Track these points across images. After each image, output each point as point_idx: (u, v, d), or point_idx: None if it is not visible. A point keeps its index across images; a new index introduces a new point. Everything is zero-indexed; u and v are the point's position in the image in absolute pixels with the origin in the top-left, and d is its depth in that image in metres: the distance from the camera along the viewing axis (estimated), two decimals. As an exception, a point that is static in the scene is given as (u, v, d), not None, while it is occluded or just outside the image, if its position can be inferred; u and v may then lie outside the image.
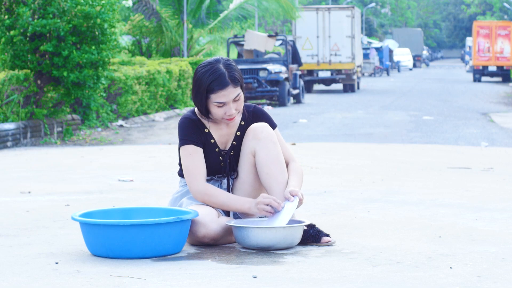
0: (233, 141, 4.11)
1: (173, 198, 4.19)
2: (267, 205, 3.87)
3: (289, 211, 3.89)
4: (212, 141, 4.07)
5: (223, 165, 4.10)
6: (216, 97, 3.93)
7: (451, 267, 3.45)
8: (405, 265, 3.50)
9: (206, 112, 4.01)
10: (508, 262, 3.57)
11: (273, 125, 4.13)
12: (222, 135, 4.10)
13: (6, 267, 3.50)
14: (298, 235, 3.87)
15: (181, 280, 3.26)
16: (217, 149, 4.08)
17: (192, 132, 4.02)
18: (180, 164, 4.15)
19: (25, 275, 3.37)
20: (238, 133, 4.11)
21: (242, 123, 4.13)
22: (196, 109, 4.08)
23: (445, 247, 3.87)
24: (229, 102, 3.95)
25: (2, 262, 3.61)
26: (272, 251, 3.82)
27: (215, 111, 3.97)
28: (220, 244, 3.98)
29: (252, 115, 4.14)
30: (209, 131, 4.07)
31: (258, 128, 4.03)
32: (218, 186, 4.11)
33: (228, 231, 3.96)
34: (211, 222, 3.88)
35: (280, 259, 3.66)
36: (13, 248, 3.93)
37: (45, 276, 3.35)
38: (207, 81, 3.92)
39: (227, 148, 4.11)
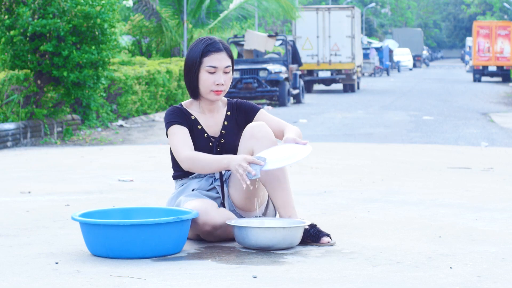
0: (221, 130, 4.17)
1: (170, 198, 4.20)
2: (241, 174, 3.82)
3: (298, 153, 3.84)
4: (199, 127, 4.14)
5: (213, 152, 4.13)
6: (209, 60, 4.06)
7: (451, 267, 3.45)
8: (405, 265, 3.50)
9: (195, 87, 4.11)
10: (508, 262, 3.57)
11: (257, 108, 4.24)
12: (209, 125, 4.17)
13: (6, 267, 3.50)
14: (298, 235, 3.87)
15: (181, 280, 3.26)
16: (205, 135, 4.14)
17: (177, 116, 4.12)
18: (173, 167, 4.18)
19: (25, 275, 3.37)
20: (226, 123, 4.19)
21: (228, 113, 4.22)
22: (182, 102, 4.20)
23: (445, 247, 3.87)
24: (220, 68, 4.08)
25: (2, 262, 3.61)
26: (272, 251, 3.82)
27: (205, 78, 4.07)
28: (220, 239, 3.99)
29: (236, 106, 4.25)
30: (195, 118, 4.15)
31: (255, 127, 4.05)
32: (212, 181, 4.14)
33: (226, 218, 3.97)
34: (211, 210, 3.91)
35: (280, 259, 3.66)
36: (13, 248, 3.93)
37: (45, 276, 3.35)
38: (202, 45, 4.09)
39: (217, 136, 4.17)
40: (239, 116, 4.21)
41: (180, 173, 4.16)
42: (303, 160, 3.78)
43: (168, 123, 4.10)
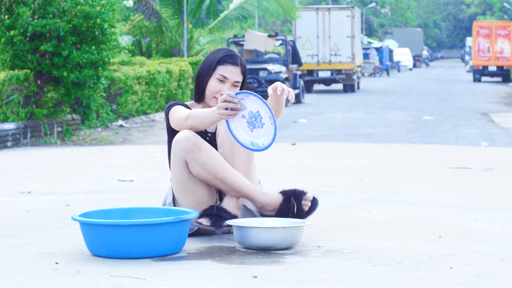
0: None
1: (169, 188, 4.23)
2: (226, 108, 3.82)
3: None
4: None
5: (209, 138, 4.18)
6: (223, 70, 4.13)
7: (451, 267, 3.45)
8: (405, 265, 3.50)
9: (202, 91, 4.17)
10: (508, 262, 3.57)
11: None
12: None
13: (6, 267, 3.50)
14: (298, 236, 3.87)
15: (181, 280, 3.26)
16: (203, 129, 4.16)
17: (179, 103, 4.19)
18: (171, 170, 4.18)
19: (25, 275, 3.37)
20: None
21: None
22: (187, 102, 4.26)
23: (445, 247, 3.87)
24: (230, 80, 4.14)
25: (2, 262, 3.61)
26: (272, 251, 3.82)
27: (213, 84, 4.13)
28: (209, 168, 3.98)
29: None
30: None
31: None
32: None
33: (214, 150, 4.00)
34: (196, 134, 3.99)
35: (280, 259, 3.66)
36: (13, 248, 3.93)
37: (45, 276, 3.35)
38: (221, 54, 4.17)
39: (214, 132, 4.23)
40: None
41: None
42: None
43: (169, 106, 4.17)
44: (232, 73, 4.14)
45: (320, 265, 3.53)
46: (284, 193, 4.09)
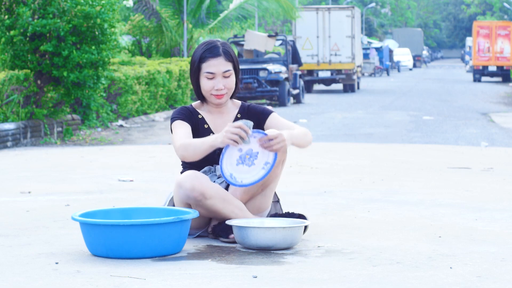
0: None
1: (170, 193, 4.22)
2: (235, 134, 3.81)
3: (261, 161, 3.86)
4: (206, 126, 4.16)
5: (219, 153, 4.10)
6: (206, 66, 4.09)
7: (451, 267, 3.45)
8: (405, 265, 3.50)
9: (197, 89, 4.15)
10: (508, 262, 3.57)
11: (269, 112, 4.21)
12: (217, 125, 4.18)
13: (6, 267, 3.50)
14: (298, 235, 3.87)
15: (181, 280, 3.26)
16: (210, 134, 4.13)
17: (181, 113, 4.15)
18: (182, 164, 4.20)
19: (25, 275, 3.37)
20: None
21: (239, 115, 4.22)
22: (192, 103, 4.23)
23: (445, 247, 3.87)
24: (218, 73, 4.09)
25: (2, 262, 3.61)
26: (272, 251, 3.82)
27: (204, 83, 4.11)
28: (210, 212, 3.97)
29: (247, 110, 4.24)
30: (202, 117, 4.18)
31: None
32: (214, 180, 4.14)
33: (220, 194, 3.95)
34: (201, 176, 3.93)
35: (280, 259, 3.66)
36: (13, 248, 3.93)
37: (45, 276, 3.35)
38: (201, 50, 4.11)
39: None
40: (250, 118, 4.17)
41: (186, 169, 4.17)
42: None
43: (172, 119, 4.15)
44: (217, 66, 4.08)
45: (320, 265, 3.53)
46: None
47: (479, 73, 39.77)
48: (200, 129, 4.15)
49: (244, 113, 4.21)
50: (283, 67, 21.87)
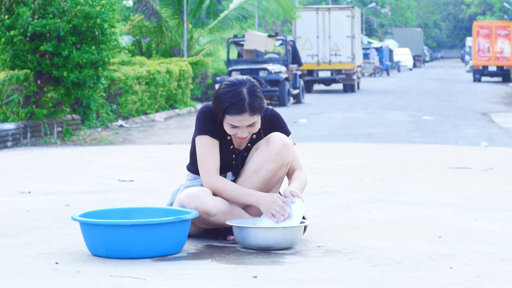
0: (248, 143, 4.14)
1: (176, 190, 4.21)
2: (279, 212, 3.90)
3: (298, 211, 3.92)
4: (229, 137, 4.10)
5: (234, 164, 4.11)
6: (230, 120, 3.94)
7: (451, 267, 3.45)
8: (405, 265, 3.50)
9: (221, 124, 4.05)
10: (508, 262, 3.57)
11: (287, 133, 4.15)
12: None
13: (6, 267, 3.50)
14: (298, 236, 3.87)
15: (181, 280, 3.26)
16: (231, 147, 4.10)
17: (210, 123, 4.05)
18: (191, 156, 4.18)
19: (25, 275, 3.37)
20: (254, 136, 4.14)
21: (261, 131, 4.18)
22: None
23: (445, 247, 3.87)
24: (242, 127, 3.97)
25: (2, 262, 3.61)
26: (272, 251, 3.82)
27: (227, 128, 3.99)
28: (218, 225, 3.98)
29: (269, 119, 4.16)
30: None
31: (273, 152, 4.04)
32: None
33: (224, 209, 3.96)
34: (203, 195, 3.92)
35: (280, 259, 3.66)
36: (13, 248, 3.93)
37: (45, 276, 3.35)
38: (226, 103, 3.92)
39: (241, 149, 4.14)
40: (269, 131, 4.14)
41: (195, 168, 4.16)
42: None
43: (200, 130, 4.04)
44: (241, 121, 3.94)
45: (320, 265, 3.53)
46: None
47: (479, 73, 39.76)
48: (222, 139, 4.08)
49: (264, 124, 4.13)
50: (283, 67, 21.87)
